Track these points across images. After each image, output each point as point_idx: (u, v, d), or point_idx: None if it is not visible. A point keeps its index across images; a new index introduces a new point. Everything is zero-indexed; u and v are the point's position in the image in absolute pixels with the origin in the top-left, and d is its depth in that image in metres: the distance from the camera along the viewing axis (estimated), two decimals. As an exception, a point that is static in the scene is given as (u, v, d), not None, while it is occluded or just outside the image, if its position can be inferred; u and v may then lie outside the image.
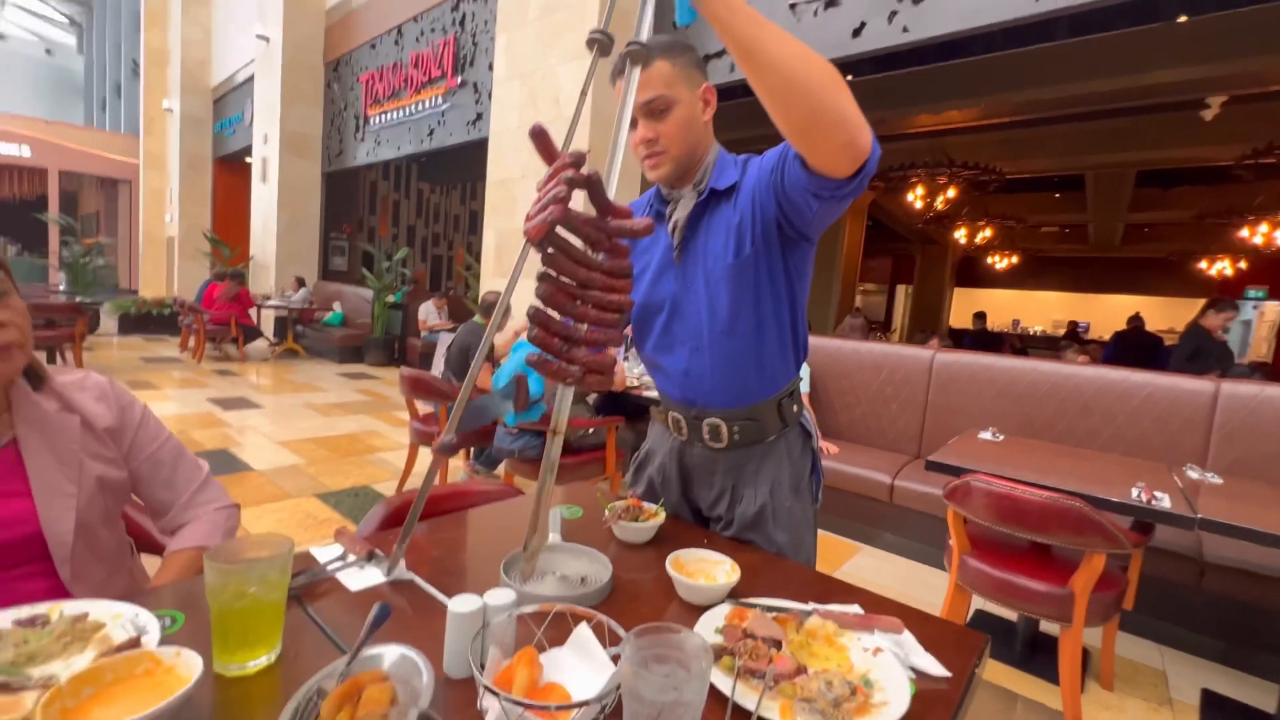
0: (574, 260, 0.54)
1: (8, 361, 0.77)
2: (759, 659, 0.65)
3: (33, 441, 0.82)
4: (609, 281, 0.55)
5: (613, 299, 0.56)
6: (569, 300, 0.54)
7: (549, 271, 0.53)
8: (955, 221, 10.07)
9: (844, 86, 0.70)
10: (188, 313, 7.00)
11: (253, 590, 0.59)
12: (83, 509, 0.82)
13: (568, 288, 0.54)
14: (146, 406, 0.97)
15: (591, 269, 0.54)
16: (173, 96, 11.73)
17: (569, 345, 0.54)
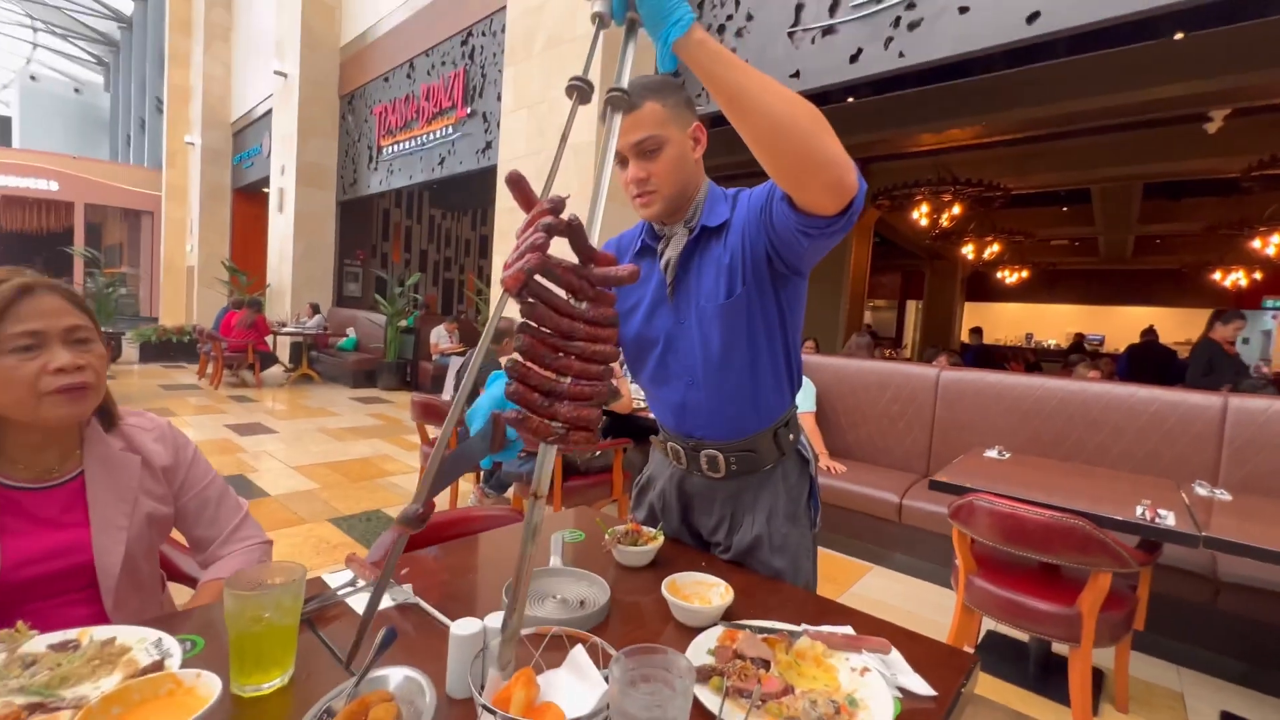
0: (555, 310, 0.51)
1: (82, 403, 0.84)
2: (747, 679, 0.68)
3: (97, 476, 0.88)
4: (593, 331, 0.52)
5: (597, 349, 0.53)
6: (551, 352, 0.51)
7: (528, 323, 0.50)
8: (963, 237, 10.07)
9: (828, 128, 0.71)
10: (206, 340, 7.16)
11: (267, 616, 0.63)
12: (131, 542, 0.88)
13: (549, 339, 0.51)
14: (197, 448, 1.04)
15: (575, 319, 0.52)
16: (194, 131, 12.14)
17: (551, 401, 0.51)
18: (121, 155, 19.81)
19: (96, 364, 0.85)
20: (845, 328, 8.22)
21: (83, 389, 0.83)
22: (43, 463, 0.85)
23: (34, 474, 0.85)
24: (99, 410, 0.91)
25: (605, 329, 0.54)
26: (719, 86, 0.69)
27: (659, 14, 0.64)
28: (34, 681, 0.59)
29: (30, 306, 0.80)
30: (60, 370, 0.80)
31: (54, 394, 0.80)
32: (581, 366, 0.52)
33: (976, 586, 1.83)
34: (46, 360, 0.80)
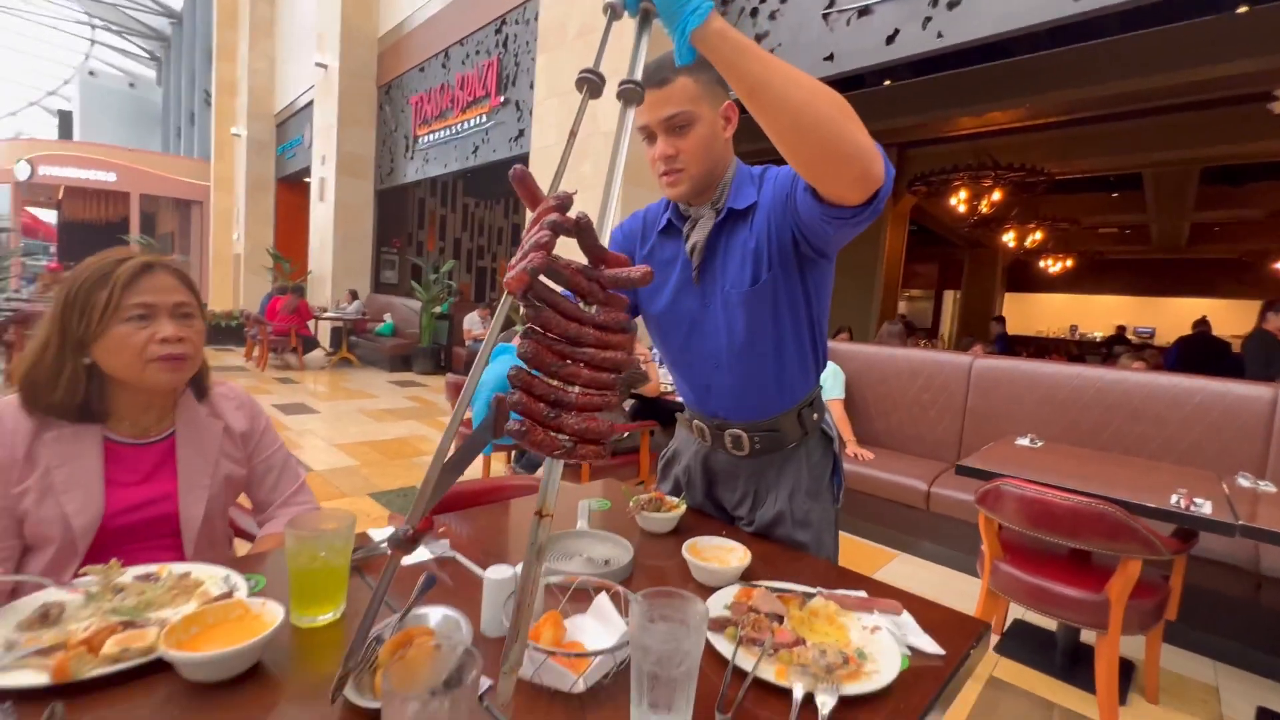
0: (563, 314, 0.47)
1: (180, 371, 0.93)
2: (761, 630, 0.72)
3: (186, 438, 0.98)
4: (603, 338, 0.48)
5: (607, 357, 0.48)
6: (557, 360, 0.47)
7: (533, 328, 0.46)
8: (1004, 224, 9.75)
9: (853, 118, 0.68)
10: (252, 324, 7.47)
11: (322, 555, 0.70)
12: (211, 500, 0.98)
13: (555, 345, 0.47)
14: (270, 418, 1.13)
15: (583, 323, 0.47)
16: (240, 123, 12.57)
17: (557, 412, 0.47)
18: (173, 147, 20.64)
19: (195, 338, 0.95)
20: (878, 318, 8.08)
21: (182, 359, 0.92)
22: (143, 422, 0.95)
23: (135, 431, 0.95)
24: (193, 379, 1.01)
25: (616, 335, 0.49)
26: (739, 79, 0.66)
27: (675, 3, 0.59)
28: (123, 605, 0.67)
29: (148, 282, 0.90)
30: (165, 340, 0.89)
31: (157, 361, 0.89)
32: (590, 375, 0.47)
33: (1002, 572, 1.82)
34: (155, 331, 0.89)
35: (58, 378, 0.86)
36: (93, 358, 0.88)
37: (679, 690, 0.56)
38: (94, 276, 0.88)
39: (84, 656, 0.57)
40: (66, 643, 0.59)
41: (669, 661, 0.55)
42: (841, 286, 8.84)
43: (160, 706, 0.57)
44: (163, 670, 0.60)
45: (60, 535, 0.85)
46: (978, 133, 6.85)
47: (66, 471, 0.86)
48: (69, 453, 0.87)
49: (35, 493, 0.85)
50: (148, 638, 0.60)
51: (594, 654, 0.61)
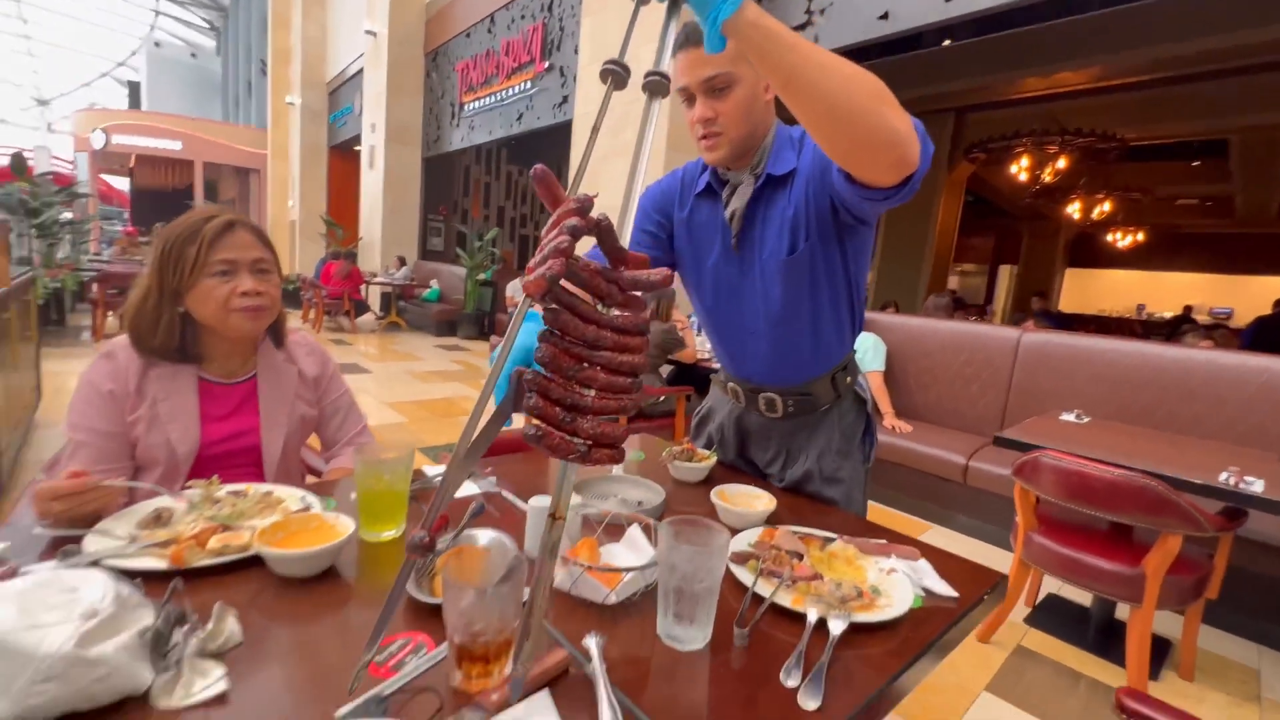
0: (581, 317, 0.47)
1: (259, 321, 1.04)
2: (781, 564, 0.77)
3: (267, 380, 1.09)
4: (621, 340, 0.48)
5: (625, 360, 0.48)
6: (574, 363, 0.47)
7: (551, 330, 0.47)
8: (1069, 194, 9.20)
9: (892, 104, 0.66)
10: (309, 288, 7.82)
11: (386, 478, 0.78)
12: (288, 436, 1.10)
13: (572, 349, 0.47)
14: (337, 365, 1.24)
15: (601, 326, 0.47)
16: (294, 92, 12.91)
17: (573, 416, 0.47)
18: (231, 116, 21.40)
19: (273, 291, 1.05)
20: (926, 293, 7.80)
21: (260, 310, 1.02)
22: (229, 365, 1.07)
23: (223, 373, 1.06)
24: (271, 329, 1.11)
25: (634, 338, 0.49)
26: (773, 69, 0.63)
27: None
28: (220, 513, 0.77)
29: (230, 239, 0.99)
30: (245, 294, 0.99)
31: (239, 312, 0.99)
32: (607, 379, 0.47)
33: (1036, 543, 1.82)
34: (236, 284, 0.99)
35: (157, 324, 0.98)
36: (186, 307, 0.99)
37: (701, 604, 0.62)
38: (185, 233, 0.98)
39: (194, 549, 0.68)
40: (178, 538, 0.69)
41: (693, 578, 0.61)
42: (888, 260, 8.54)
43: (255, 593, 0.67)
44: (256, 565, 0.70)
45: (165, 459, 0.97)
46: (1045, 95, 6.42)
47: (169, 405, 0.98)
48: (171, 388, 0.99)
49: (145, 422, 0.96)
50: (243, 538, 0.70)
51: (625, 569, 0.67)
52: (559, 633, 0.63)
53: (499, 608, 0.54)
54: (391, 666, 0.56)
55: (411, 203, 9.66)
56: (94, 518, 0.75)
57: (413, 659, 0.57)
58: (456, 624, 0.54)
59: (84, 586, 0.51)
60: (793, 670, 0.60)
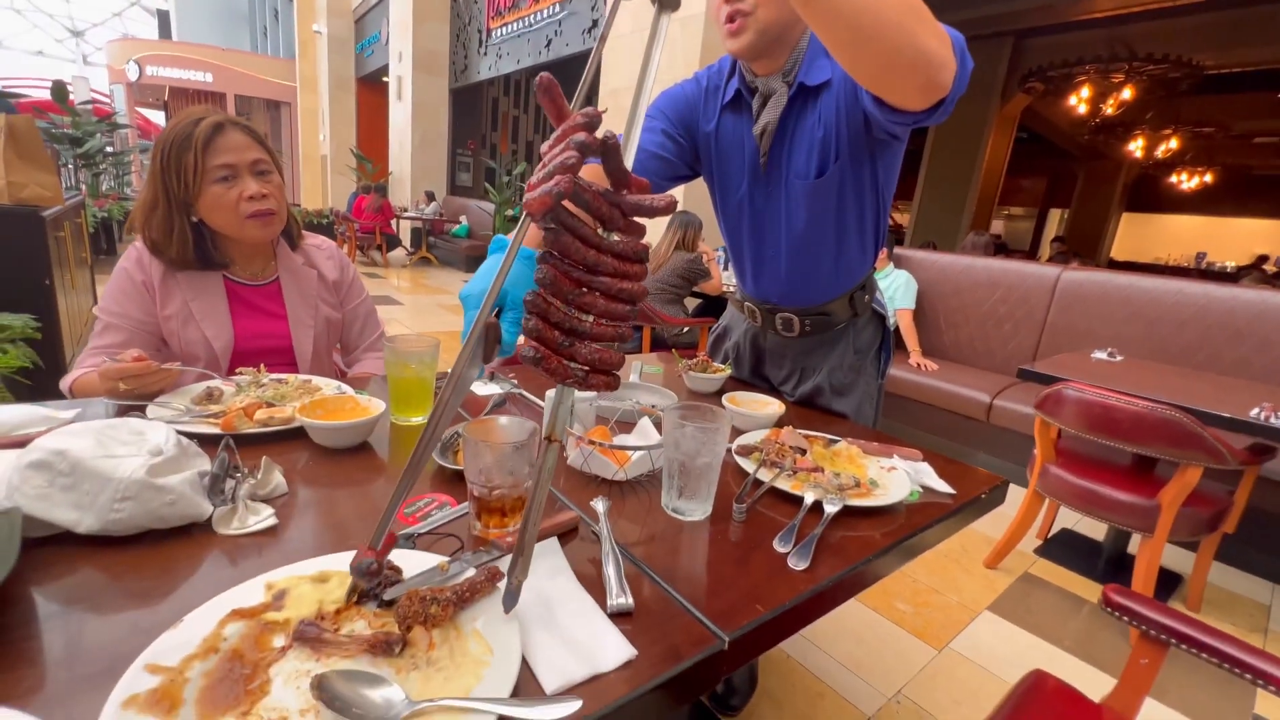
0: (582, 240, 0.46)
1: (272, 225, 1.07)
2: (783, 456, 0.81)
3: (289, 282, 1.14)
4: (621, 267, 0.47)
5: (624, 287, 0.48)
6: (574, 287, 0.47)
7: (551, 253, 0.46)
8: (1133, 130, 8.54)
9: (925, 18, 0.60)
10: (342, 222, 7.92)
11: (414, 366, 0.83)
12: (317, 338, 1.15)
13: (573, 273, 0.46)
14: (357, 270, 1.28)
15: (602, 251, 0.46)
16: (320, 19, 12.63)
17: (571, 340, 0.47)
18: (259, 46, 21.13)
19: (277, 193, 1.06)
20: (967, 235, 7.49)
21: (271, 214, 1.05)
22: (252, 267, 1.12)
23: (249, 274, 1.11)
24: (284, 232, 1.15)
25: (634, 265, 0.48)
26: None
27: None
28: (264, 394, 0.84)
29: (223, 142, 1.00)
30: (252, 198, 1.02)
31: (250, 218, 1.02)
32: (606, 305, 0.47)
33: (1052, 475, 1.83)
34: (241, 189, 1.01)
35: (171, 234, 1.00)
36: (200, 216, 1.02)
37: (703, 479, 0.67)
38: (178, 139, 0.98)
39: (242, 418, 0.75)
40: (229, 410, 0.76)
41: (695, 454, 0.65)
42: (929, 201, 8.18)
43: (299, 461, 0.74)
44: (299, 437, 0.77)
45: (205, 355, 1.04)
46: (1114, 15, 5.85)
47: (201, 304, 1.03)
48: (200, 288, 1.04)
49: (178, 319, 1.02)
50: (287, 412, 0.77)
51: (633, 448, 0.72)
52: (569, 500, 0.69)
53: (513, 466, 0.59)
54: (419, 517, 0.62)
55: (440, 136, 9.55)
56: (154, 395, 0.83)
57: (438, 513, 0.63)
58: (476, 479, 0.59)
59: (149, 431, 0.58)
60: (786, 539, 0.65)
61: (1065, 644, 1.63)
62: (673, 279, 2.89)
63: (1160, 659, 0.78)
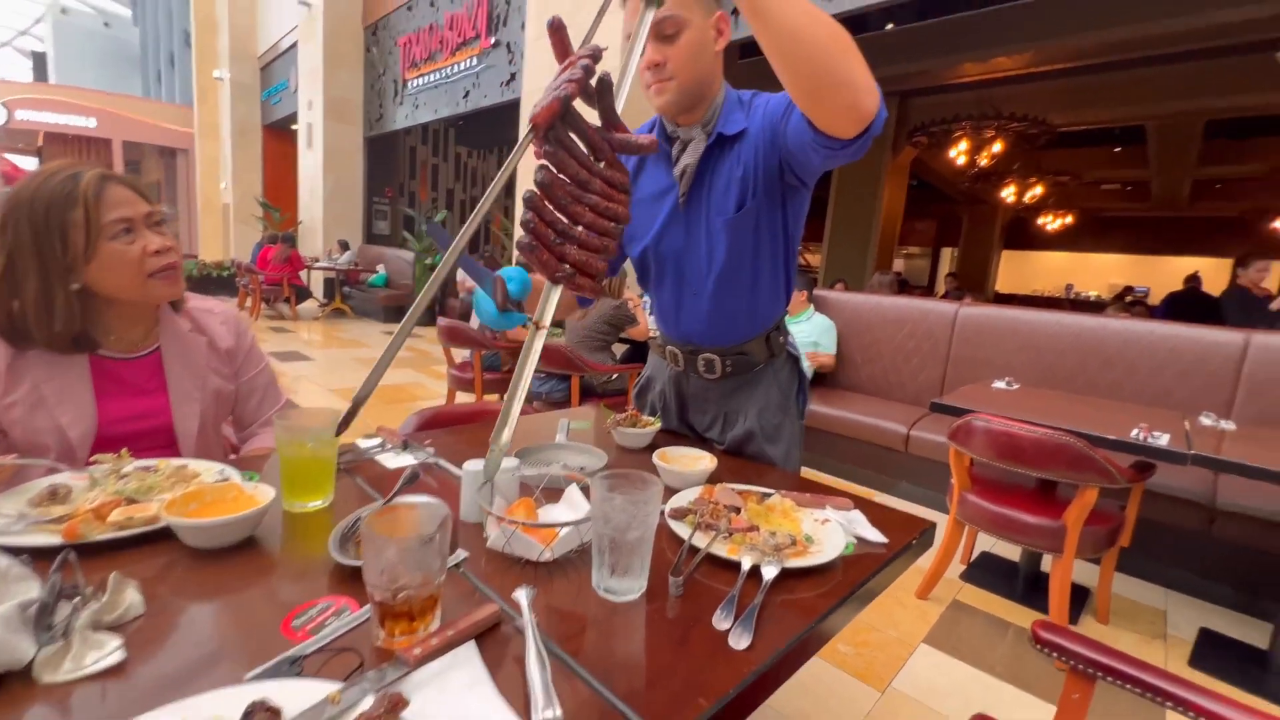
0: (576, 160, 0.51)
1: (178, 282, 0.96)
2: (718, 518, 0.78)
3: (172, 353, 1.00)
4: (608, 190, 0.54)
5: (610, 207, 0.54)
6: (567, 196, 0.52)
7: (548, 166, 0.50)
8: (1004, 179, 9.62)
9: (853, 49, 0.68)
10: (244, 274, 7.42)
11: (310, 445, 0.75)
12: (204, 413, 1.02)
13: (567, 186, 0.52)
14: (255, 336, 1.15)
15: (593, 173, 0.53)
16: (223, 65, 12.10)
17: (563, 240, 0.52)
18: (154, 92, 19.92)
19: (176, 245, 0.96)
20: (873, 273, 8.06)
21: (176, 268, 0.95)
22: (130, 337, 0.98)
23: (124, 347, 0.97)
24: None
25: (619, 192, 0.56)
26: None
27: None
28: (126, 488, 0.72)
29: (113, 195, 0.89)
30: (158, 253, 0.91)
31: (155, 276, 0.91)
32: (593, 219, 0.53)
33: (969, 502, 1.92)
34: (143, 244, 0.90)
35: (50, 310, 0.85)
36: (83, 281, 0.88)
37: (635, 554, 0.62)
38: (56, 198, 0.85)
39: (92, 522, 0.63)
40: (75, 512, 0.64)
41: (626, 527, 0.61)
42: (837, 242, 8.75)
43: (164, 569, 0.63)
44: (166, 539, 0.66)
45: (56, 445, 0.89)
46: (982, 80, 6.66)
47: (56, 385, 0.89)
48: (57, 368, 0.89)
49: (24, 406, 0.87)
50: (150, 510, 0.66)
51: (559, 525, 0.67)
52: (489, 589, 0.62)
53: (423, 561, 0.53)
54: (310, 630, 0.54)
55: (354, 184, 9.26)
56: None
57: (334, 621, 0.55)
58: (378, 581, 0.52)
59: (-46, 556, 0.46)
60: (725, 614, 0.61)
61: (998, 670, 1.67)
62: (600, 326, 2.88)
63: (1090, 692, 0.80)
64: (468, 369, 3.21)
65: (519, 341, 3.18)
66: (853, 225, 8.30)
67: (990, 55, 5.72)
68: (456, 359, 3.32)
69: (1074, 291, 14.16)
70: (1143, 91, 6.59)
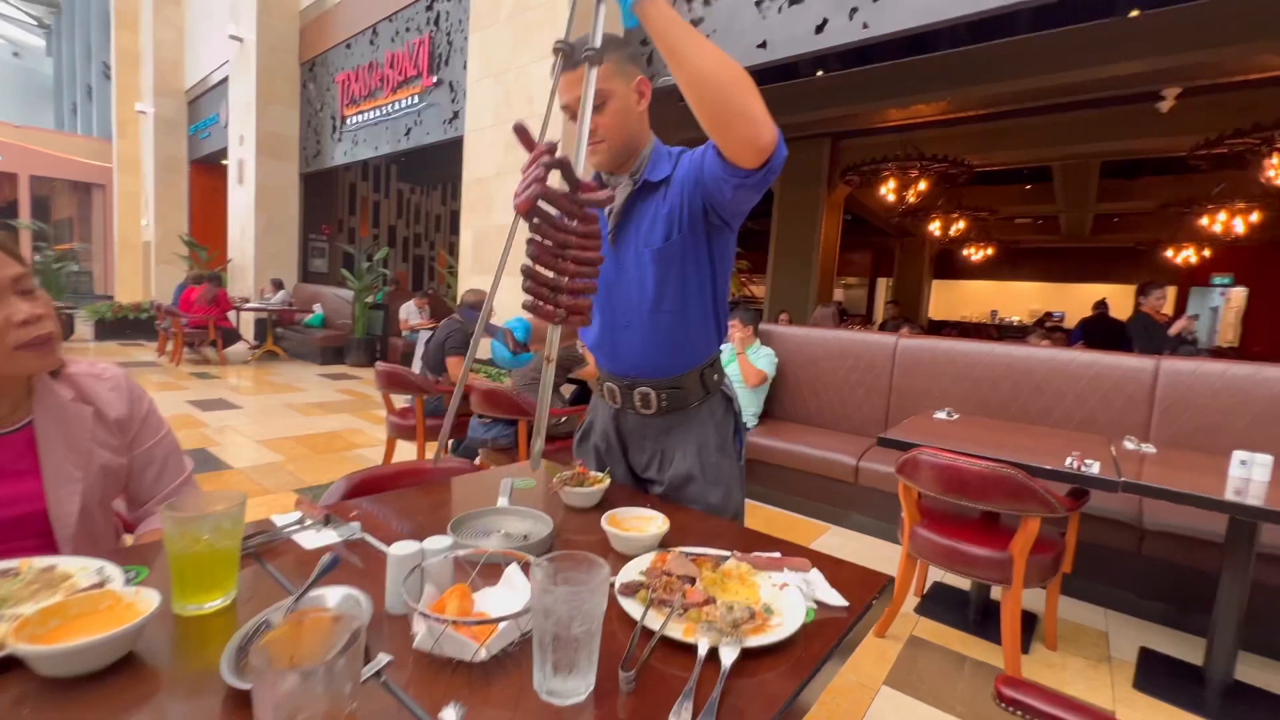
0: (554, 227, 0.68)
1: (52, 354, 0.84)
2: (672, 592, 0.73)
3: (48, 427, 0.87)
4: (584, 242, 0.69)
5: (588, 255, 0.70)
6: (552, 258, 0.69)
7: (535, 237, 0.67)
8: (930, 214, 10.23)
9: (752, 89, 0.81)
10: (165, 316, 6.94)
11: (206, 538, 0.65)
12: (87, 493, 0.88)
13: (551, 249, 0.69)
14: (153, 401, 1.03)
15: (569, 233, 0.68)
16: (146, 99, 11.56)
17: (555, 293, 0.69)
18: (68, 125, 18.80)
19: (49, 312, 0.85)
20: (815, 304, 8.33)
21: (49, 339, 0.83)
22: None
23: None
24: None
25: (593, 240, 0.71)
26: (664, 41, 0.79)
27: None
28: (-28, 602, 0.60)
29: None
30: (25, 323, 0.80)
31: (23, 348, 0.80)
32: (576, 269, 0.69)
33: (920, 536, 1.93)
34: (9, 313, 0.79)
35: None
36: None
37: (581, 650, 0.56)
38: None
39: (-86, 657, 0.52)
40: (-105, 644, 0.53)
41: (570, 621, 0.55)
42: (780, 274, 9.04)
43: (10, 708, 0.52)
44: (15, 668, 0.55)
45: None
46: (905, 124, 7.15)
47: None
48: None
49: None
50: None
51: (496, 620, 0.60)
52: (415, 704, 0.55)
53: (331, 687, 0.45)
54: (191, 780, 0.45)
55: (289, 221, 8.92)
56: None
57: (222, 766, 0.46)
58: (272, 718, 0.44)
59: None
60: (682, 709, 0.56)
61: (958, 710, 1.66)
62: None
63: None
64: (409, 415, 3.06)
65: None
66: (794, 258, 8.62)
67: (911, 102, 6.12)
68: (397, 405, 3.17)
69: (999, 317, 15.10)
70: (1047, 135, 7.20)
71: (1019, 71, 5.25)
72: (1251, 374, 2.40)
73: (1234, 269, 11.84)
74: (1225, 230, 8.22)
